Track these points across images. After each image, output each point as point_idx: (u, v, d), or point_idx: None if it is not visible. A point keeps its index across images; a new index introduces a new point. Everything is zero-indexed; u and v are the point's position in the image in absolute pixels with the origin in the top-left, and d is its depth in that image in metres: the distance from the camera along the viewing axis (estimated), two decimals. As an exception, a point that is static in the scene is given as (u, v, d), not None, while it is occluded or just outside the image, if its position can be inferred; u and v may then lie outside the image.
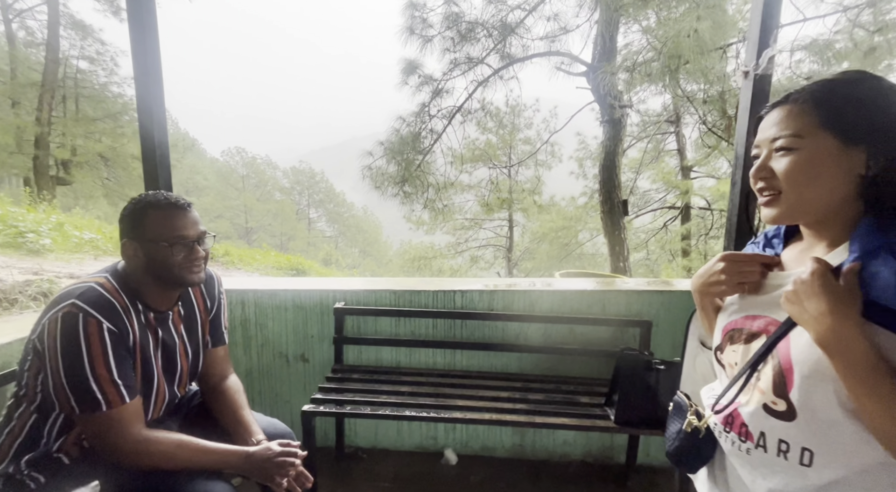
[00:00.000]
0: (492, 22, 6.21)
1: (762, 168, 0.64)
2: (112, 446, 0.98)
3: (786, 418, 0.60)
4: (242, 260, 8.43)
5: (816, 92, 0.60)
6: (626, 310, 1.93)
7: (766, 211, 0.65)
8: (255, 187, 35.86)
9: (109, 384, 0.97)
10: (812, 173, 0.59)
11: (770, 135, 0.63)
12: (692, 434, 0.73)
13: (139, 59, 1.59)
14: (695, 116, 9.64)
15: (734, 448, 0.67)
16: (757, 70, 1.60)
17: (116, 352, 0.99)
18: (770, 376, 0.62)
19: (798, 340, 0.59)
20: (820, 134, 0.58)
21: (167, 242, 1.05)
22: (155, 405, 1.13)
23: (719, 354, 0.74)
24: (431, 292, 1.99)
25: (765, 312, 0.67)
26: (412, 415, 1.59)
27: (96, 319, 0.96)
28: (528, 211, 13.44)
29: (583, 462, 2.03)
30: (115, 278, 1.07)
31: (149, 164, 1.68)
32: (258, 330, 2.06)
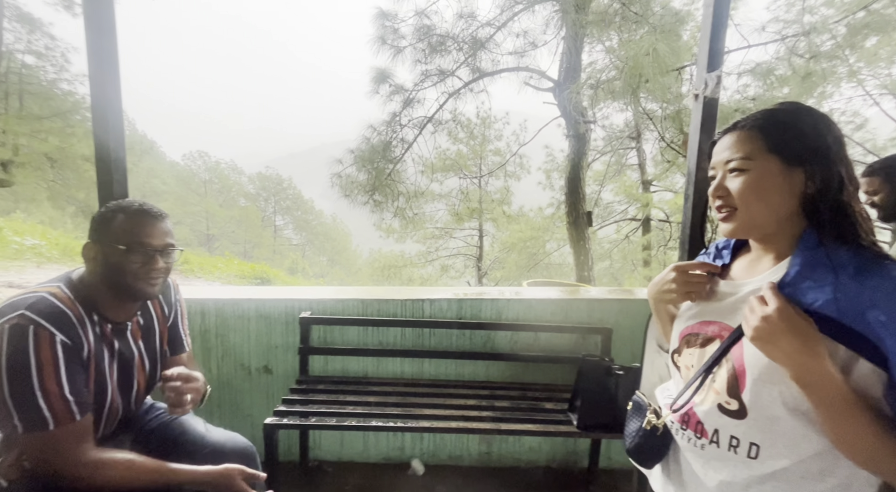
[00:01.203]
0: (462, 36, 6.35)
1: (719, 187, 0.70)
2: (57, 467, 0.92)
3: (737, 416, 0.66)
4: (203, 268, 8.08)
5: (761, 120, 0.67)
6: (588, 317, 2.00)
7: (724, 226, 0.71)
8: (218, 193, 34.52)
9: (59, 400, 0.91)
10: (761, 191, 0.66)
11: (724, 157, 0.69)
12: (651, 432, 0.78)
13: (94, 57, 1.52)
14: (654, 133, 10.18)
15: (689, 444, 0.73)
16: (706, 93, 1.74)
17: (69, 366, 0.94)
18: (725, 378, 0.67)
19: (750, 346, 0.64)
20: (766, 157, 0.65)
21: (125, 246, 1.01)
22: (107, 421, 1.07)
23: (676, 357, 0.79)
24: (400, 301, 1.99)
25: (718, 318, 0.73)
26: (379, 425, 1.57)
27: (48, 331, 0.91)
28: (497, 221, 13.67)
29: (548, 468, 2.07)
30: (69, 288, 1.01)
31: (103, 168, 1.60)
32: (219, 341, 1.98)
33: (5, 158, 11.65)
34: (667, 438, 0.78)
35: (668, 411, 0.77)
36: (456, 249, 15.92)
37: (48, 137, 12.43)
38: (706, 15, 1.73)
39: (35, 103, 12.66)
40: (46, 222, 10.35)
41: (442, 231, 15.21)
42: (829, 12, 6.19)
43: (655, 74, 4.50)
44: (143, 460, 1.00)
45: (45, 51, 12.83)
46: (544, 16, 6.38)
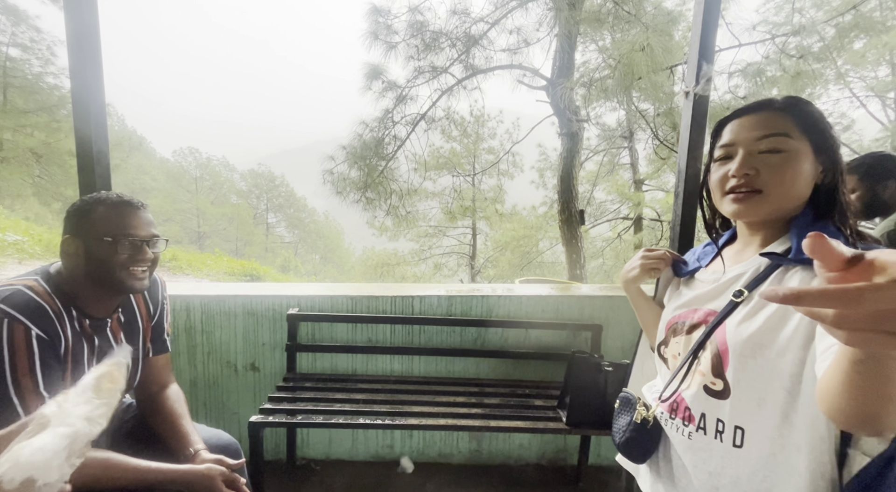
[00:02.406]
0: (456, 33, 6.32)
1: (748, 165, 0.65)
2: None
3: (722, 396, 0.66)
4: (191, 265, 7.98)
5: (794, 103, 0.65)
6: (578, 314, 2.00)
7: (740, 206, 0.66)
8: (210, 190, 34.14)
9: (33, 396, 0.88)
10: (795, 175, 0.63)
11: (754, 135, 0.65)
12: (641, 426, 0.78)
13: (76, 50, 1.48)
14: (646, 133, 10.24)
15: (678, 434, 0.72)
16: (696, 90, 1.74)
17: (44, 361, 0.91)
18: (709, 359, 0.67)
19: (731, 324, 0.65)
20: (801, 138, 0.64)
21: (112, 238, 0.98)
22: (81, 420, 1.04)
23: (663, 349, 0.79)
24: (390, 298, 1.97)
25: (703, 305, 0.73)
26: (367, 423, 1.56)
27: (24, 324, 0.88)
28: (490, 219, 13.68)
29: (537, 465, 2.07)
30: (46, 281, 0.98)
31: (84, 161, 1.56)
32: (204, 338, 1.95)
33: (-11, 153, 11.41)
34: (657, 431, 0.77)
35: (658, 403, 0.76)
36: (449, 247, 15.91)
37: (34, 131, 12.18)
38: (697, 12, 1.73)
39: (20, 97, 12.40)
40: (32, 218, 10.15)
41: (435, 229, 15.20)
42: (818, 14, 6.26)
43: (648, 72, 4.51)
44: (121, 458, 0.97)
45: (31, 44, 12.57)
46: (538, 13, 6.37)
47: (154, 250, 1.06)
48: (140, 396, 1.22)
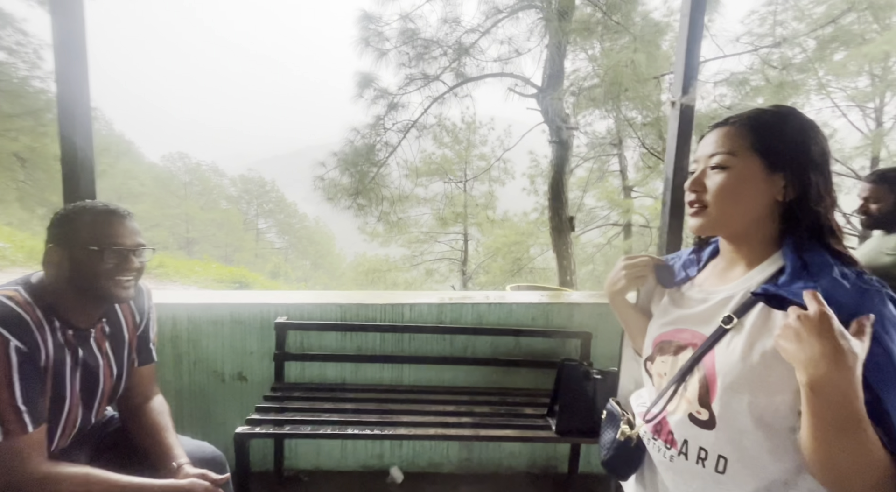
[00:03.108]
0: (447, 41, 6.38)
1: (695, 182, 0.69)
2: (7, 482, 0.86)
3: (707, 426, 0.65)
4: (179, 272, 7.86)
5: (751, 118, 0.67)
6: (568, 321, 2.00)
7: (692, 221, 0.71)
8: (199, 195, 33.77)
9: (10, 410, 0.86)
10: (736, 192, 0.65)
11: (707, 151, 0.68)
12: (625, 443, 0.77)
13: (61, 53, 1.47)
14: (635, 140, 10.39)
15: (660, 455, 0.72)
16: (682, 101, 1.77)
17: (23, 373, 0.88)
18: (696, 387, 0.66)
19: (722, 354, 0.64)
20: (749, 156, 0.64)
21: (98, 247, 0.96)
22: (63, 433, 1.02)
23: (649, 365, 0.79)
24: (380, 306, 1.96)
25: (691, 326, 0.72)
26: (355, 433, 1.54)
27: (2, 335, 0.86)
28: (482, 225, 13.73)
29: (528, 473, 2.06)
30: (27, 291, 0.96)
31: (69, 167, 1.54)
32: (190, 347, 1.91)
33: (-29, 157, 11.15)
34: (641, 449, 0.77)
35: (642, 421, 0.76)
36: (441, 253, 15.90)
37: (18, 135, 11.93)
38: (682, 25, 1.77)
39: (5, 101, 12.15)
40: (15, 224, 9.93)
41: (427, 235, 15.19)
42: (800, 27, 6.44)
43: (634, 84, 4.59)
44: (101, 473, 0.94)
45: (17, 47, 12.33)
46: (528, 23, 6.46)
47: (140, 260, 1.05)
48: (123, 407, 1.20)
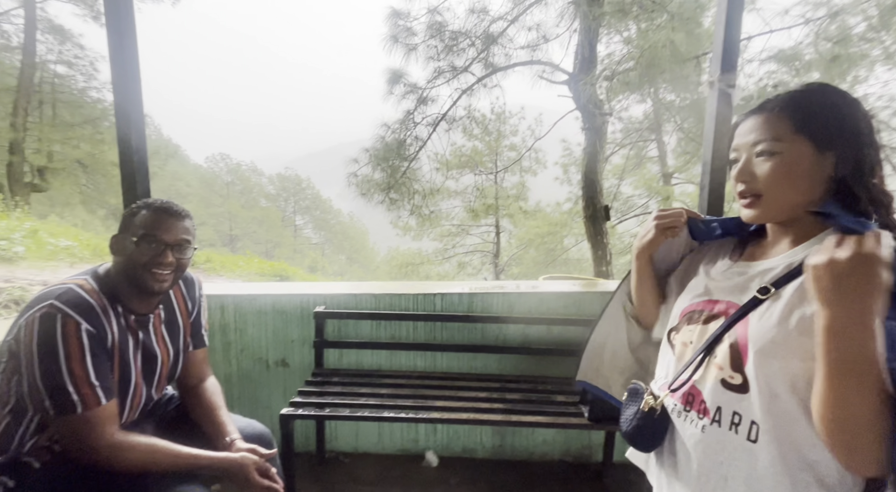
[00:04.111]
0: (475, 32, 6.32)
1: (744, 172, 0.68)
2: (86, 448, 0.97)
3: (741, 390, 0.65)
4: (225, 267, 8.32)
5: (788, 100, 0.65)
6: (601, 310, 1.97)
7: (747, 212, 0.69)
8: (240, 194, 35.40)
9: (86, 385, 0.97)
10: (791, 176, 0.64)
11: (750, 140, 0.67)
12: (648, 414, 0.77)
13: (117, 64, 1.59)
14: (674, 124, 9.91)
15: (690, 426, 0.71)
16: (721, 80, 1.69)
17: (94, 353, 0.99)
18: (727, 353, 0.67)
19: (756, 321, 0.64)
20: (796, 139, 0.63)
21: (137, 238, 1.06)
22: (131, 407, 1.13)
23: (673, 335, 0.79)
24: (412, 296, 2.02)
25: (726, 297, 0.72)
26: (391, 416, 1.60)
27: (74, 319, 0.96)
28: (514, 217, 13.59)
29: (562, 461, 2.07)
30: (94, 280, 1.07)
31: (126, 170, 1.67)
32: (238, 335, 2.05)
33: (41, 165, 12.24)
34: (664, 422, 0.76)
35: (666, 392, 0.75)
36: (472, 245, 15.90)
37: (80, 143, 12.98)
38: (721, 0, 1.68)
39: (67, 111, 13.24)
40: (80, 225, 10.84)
41: (458, 228, 15.22)
42: (860, -8, 5.89)
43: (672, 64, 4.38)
44: (165, 444, 1.05)
45: (75, 60, 13.40)
46: (557, 8, 6.29)
47: (178, 256, 1.10)
48: (181, 387, 1.31)
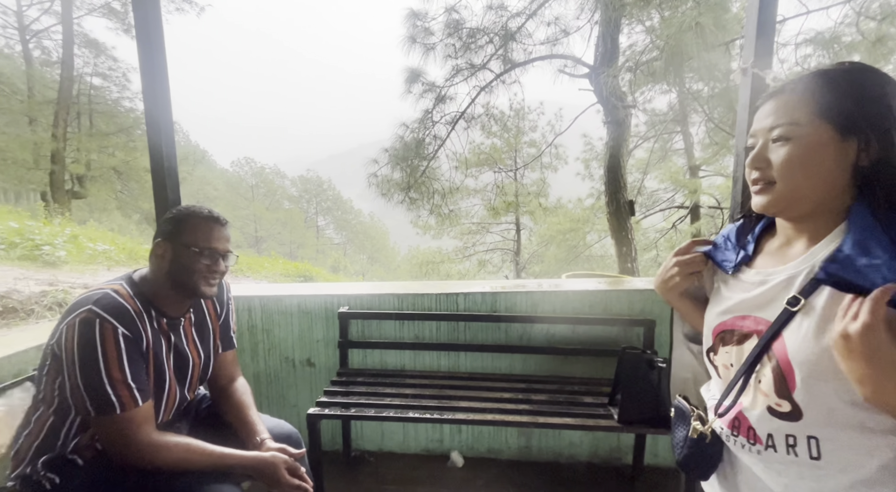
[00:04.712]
0: (493, 28, 6.26)
1: (758, 158, 0.63)
2: (124, 447, 1.01)
3: (791, 418, 0.60)
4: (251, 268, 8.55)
5: (812, 82, 0.60)
6: (629, 309, 1.92)
7: (758, 199, 0.64)
8: (264, 197, 36.35)
9: (123, 387, 1.00)
10: (808, 164, 0.58)
11: (767, 124, 0.62)
12: (699, 440, 0.72)
13: (147, 75, 1.64)
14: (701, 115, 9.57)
15: (744, 451, 0.67)
16: (755, 67, 1.61)
17: (130, 356, 1.02)
18: (770, 378, 0.61)
19: (793, 340, 0.59)
20: (816, 123, 0.58)
21: (197, 249, 1.11)
22: (165, 408, 1.16)
23: (712, 356, 0.74)
24: (434, 295, 2.01)
25: (751, 312, 0.66)
26: (416, 416, 1.60)
27: (111, 324, 1.00)
28: (534, 214, 13.42)
29: (590, 464, 2.02)
30: (129, 285, 1.11)
31: (158, 175, 1.72)
32: (265, 335, 2.09)
33: (80, 173, 12.88)
34: (718, 444, 0.72)
35: (714, 416, 0.71)
36: (493, 243, 15.81)
37: (115, 151, 13.59)
38: (753, -19, 1.60)
39: (102, 121, 13.88)
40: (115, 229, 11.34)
41: (478, 226, 15.16)
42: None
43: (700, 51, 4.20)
44: (199, 443, 1.07)
45: (109, 72, 14.02)
46: (577, 1, 6.16)
47: (227, 263, 1.19)
48: (212, 388, 1.34)
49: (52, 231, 5.46)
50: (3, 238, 4.50)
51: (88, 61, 13.60)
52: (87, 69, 13.64)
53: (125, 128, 14.00)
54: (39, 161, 12.30)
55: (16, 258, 4.30)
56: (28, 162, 12.19)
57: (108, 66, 13.94)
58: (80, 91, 13.46)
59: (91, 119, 13.72)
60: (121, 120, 14.11)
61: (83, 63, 13.52)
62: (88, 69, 13.65)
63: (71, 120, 13.11)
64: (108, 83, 14.14)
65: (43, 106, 12.76)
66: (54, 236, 5.10)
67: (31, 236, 4.79)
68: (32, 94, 12.89)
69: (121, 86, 14.23)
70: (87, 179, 13.11)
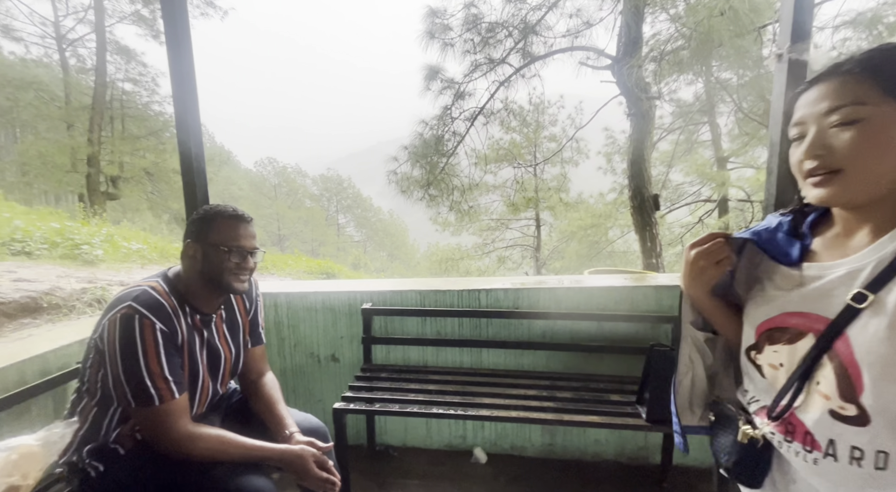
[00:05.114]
0: (512, 21, 6.18)
1: (816, 146, 0.57)
2: (162, 438, 1.05)
3: (857, 423, 0.55)
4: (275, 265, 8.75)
5: (869, 60, 0.55)
6: (656, 305, 1.88)
7: (820, 191, 0.58)
8: (287, 196, 37.11)
9: (161, 380, 1.04)
10: (881, 146, 0.54)
11: (821, 108, 0.57)
12: (749, 446, 0.68)
13: (177, 80, 1.69)
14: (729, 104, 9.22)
15: (798, 458, 0.62)
16: (791, 52, 1.53)
17: (167, 350, 1.06)
18: (832, 380, 0.57)
19: (860, 339, 0.54)
20: (885, 101, 0.53)
21: (226, 248, 1.14)
22: (199, 401, 1.20)
23: (754, 355, 0.69)
24: (456, 292, 2.01)
25: (805, 309, 0.62)
26: (440, 412, 1.61)
27: (150, 320, 1.04)
28: (555, 209, 13.24)
29: (616, 462, 1.99)
30: (165, 282, 1.15)
31: (187, 176, 1.78)
32: (290, 331, 2.14)
33: (114, 175, 13.43)
34: (768, 451, 0.67)
35: (764, 420, 0.66)
36: (512, 240, 15.70)
37: (145, 154, 14.11)
38: (789, -39, 1.52)
39: (133, 125, 14.43)
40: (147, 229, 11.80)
41: (497, 222, 15.07)
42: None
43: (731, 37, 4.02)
44: (232, 436, 1.11)
45: (139, 77, 14.55)
46: (599, -10, 6.01)
47: (255, 260, 1.22)
48: (242, 382, 1.38)
49: (89, 231, 5.73)
50: (46, 238, 4.75)
51: (120, 67, 14.14)
52: (119, 75, 14.19)
53: (155, 131, 14.52)
54: (77, 164, 12.91)
55: (57, 257, 4.53)
56: (66, 165, 12.81)
57: (139, 71, 14.46)
58: (113, 96, 14.02)
59: (123, 123, 14.28)
60: (150, 123, 14.64)
61: (115, 69, 14.07)
62: (120, 75, 14.20)
63: (105, 124, 13.67)
64: (138, 88, 14.68)
65: (79, 111, 13.38)
66: (92, 236, 5.35)
67: (71, 236, 5.04)
68: (69, 100, 13.53)
69: (150, 90, 14.76)
70: (121, 181, 13.67)
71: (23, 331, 2.70)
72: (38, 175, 13.18)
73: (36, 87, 13.53)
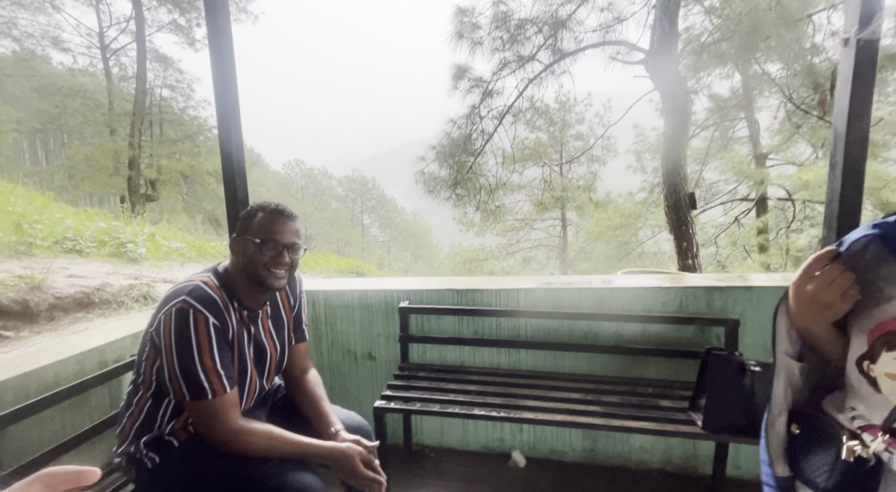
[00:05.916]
0: (542, 17, 6.08)
1: None
2: (213, 431, 1.06)
3: None
4: (307, 265, 8.93)
5: None
6: (707, 308, 1.78)
7: None
8: (313, 197, 37.92)
9: (214, 374, 1.05)
10: None
11: None
12: (856, 465, 0.61)
13: (219, 82, 1.72)
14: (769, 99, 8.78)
15: None
16: (860, 35, 1.42)
17: (220, 344, 1.07)
18: None
19: None
20: None
21: (259, 240, 1.14)
22: (247, 396, 1.21)
23: (867, 365, 0.62)
24: (494, 291, 1.97)
25: None
26: (482, 414, 1.58)
27: (203, 314, 1.05)
28: (582, 209, 12.98)
29: (662, 471, 1.90)
30: (216, 277, 1.16)
31: (228, 175, 1.81)
32: (328, 328, 2.15)
33: (153, 177, 14.05)
34: (878, 472, 0.60)
35: (878, 436, 0.59)
36: (537, 240, 15.51)
37: (181, 157, 14.70)
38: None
39: (171, 129, 15.08)
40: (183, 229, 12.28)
41: (522, 222, 14.91)
42: None
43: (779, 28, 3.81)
44: (281, 431, 1.11)
45: (176, 84, 15.20)
46: (632, -17, 5.84)
47: (293, 256, 1.20)
48: (286, 378, 1.39)
49: (133, 231, 5.99)
50: (95, 237, 4.99)
51: (158, 74, 14.81)
52: (158, 82, 14.86)
53: (190, 134, 15.12)
54: (119, 168, 13.58)
55: (105, 255, 4.76)
56: (109, 168, 13.50)
57: (175, 78, 15.11)
58: (152, 102, 14.69)
59: (161, 127, 14.94)
60: (186, 127, 15.26)
61: (154, 76, 14.75)
62: (159, 82, 14.87)
63: (144, 129, 14.34)
64: (175, 94, 15.33)
65: (121, 117, 14.07)
66: (135, 235, 5.59)
67: (117, 235, 5.28)
68: (112, 106, 14.26)
69: (186, 96, 15.38)
70: (159, 183, 14.29)
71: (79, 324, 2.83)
72: (85, 178, 13.93)
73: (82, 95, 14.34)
